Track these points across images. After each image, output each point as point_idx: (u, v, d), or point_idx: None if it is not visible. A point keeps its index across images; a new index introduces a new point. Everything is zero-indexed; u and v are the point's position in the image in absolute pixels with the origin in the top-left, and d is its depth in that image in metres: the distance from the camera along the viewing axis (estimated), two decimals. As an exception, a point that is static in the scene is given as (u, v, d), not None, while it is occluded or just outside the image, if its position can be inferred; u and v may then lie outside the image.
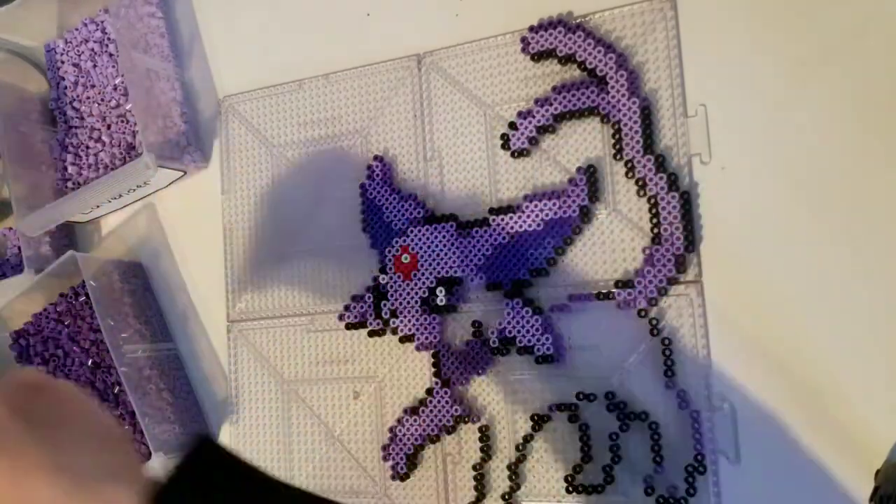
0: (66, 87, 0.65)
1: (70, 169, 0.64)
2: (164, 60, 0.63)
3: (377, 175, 0.56)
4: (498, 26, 0.53)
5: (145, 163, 0.56)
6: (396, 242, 0.54)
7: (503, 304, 0.51)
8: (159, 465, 0.53)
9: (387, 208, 0.55)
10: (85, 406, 0.31)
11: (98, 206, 0.62)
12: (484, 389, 0.52)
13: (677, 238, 0.47)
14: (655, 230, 0.48)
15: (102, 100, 0.63)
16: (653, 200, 0.48)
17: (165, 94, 0.62)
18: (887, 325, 0.43)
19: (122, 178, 0.57)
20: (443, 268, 0.53)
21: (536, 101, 0.51)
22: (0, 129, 0.63)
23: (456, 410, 0.52)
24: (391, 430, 0.54)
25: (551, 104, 0.51)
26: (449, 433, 0.52)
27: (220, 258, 0.62)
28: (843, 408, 0.44)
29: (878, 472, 0.42)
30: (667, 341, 0.47)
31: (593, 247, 0.50)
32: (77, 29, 0.65)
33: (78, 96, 0.64)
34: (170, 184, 0.63)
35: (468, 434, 0.52)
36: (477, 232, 0.52)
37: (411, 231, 0.54)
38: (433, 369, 0.53)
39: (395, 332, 0.54)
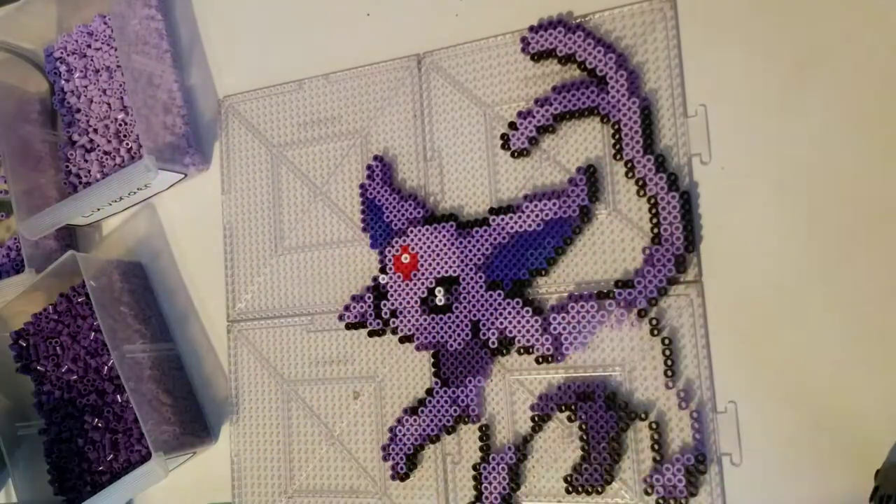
0: (66, 91, 0.65)
1: (71, 172, 0.65)
2: (163, 62, 0.63)
3: (377, 175, 0.56)
4: (498, 26, 0.54)
5: (146, 165, 0.56)
6: (396, 242, 0.54)
7: (503, 304, 0.51)
8: (159, 466, 0.53)
9: (387, 208, 0.55)
10: None
11: (98, 209, 0.62)
12: (484, 389, 0.52)
13: (677, 238, 0.47)
14: (655, 230, 0.48)
15: (103, 103, 0.63)
16: (653, 200, 0.48)
17: (165, 96, 0.62)
18: (887, 324, 0.43)
19: (123, 180, 0.57)
20: (443, 268, 0.53)
21: (536, 101, 0.51)
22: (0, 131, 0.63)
23: (455, 410, 0.52)
24: (391, 430, 0.54)
25: (551, 104, 0.51)
26: (449, 433, 0.52)
27: (220, 258, 0.62)
28: (843, 408, 0.44)
29: (878, 472, 0.42)
30: (667, 341, 0.47)
31: (593, 247, 0.50)
32: (77, 32, 0.65)
33: (78, 99, 0.65)
34: (170, 186, 0.63)
35: (468, 434, 0.52)
36: (477, 232, 0.52)
37: (411, 231, 0.54)
38: (433, 369, 0.53)
39: (394, 332, 0.54)
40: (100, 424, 0.59)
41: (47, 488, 0.61)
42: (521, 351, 0.50)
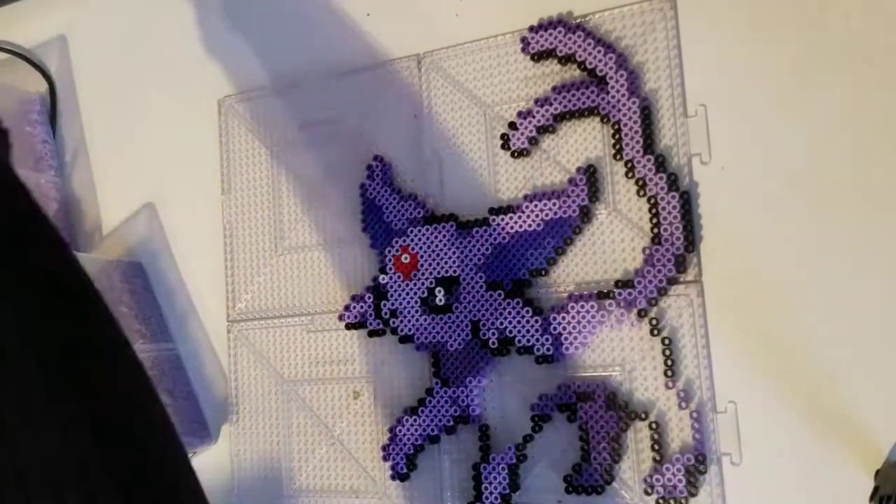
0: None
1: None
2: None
3: (377, 175, 0.56)
4: (498, 26, 0.54)
5: None
6: (396, 242, 0.54)
7: (503, 304, 0.51)
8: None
9: (387, 208, 0.55)
10: None
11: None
12: (484, 389, 0.52)
13: (677, 238, 0.47)
14: (655, 230, 0.48)
15: None
16: (653, 200, 0.48)
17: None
18: (887, 324, 0.43)
19: None
20: (443, 268, 0.53)
21: (536, 101, 0.51)
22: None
23: (455, 410, 0.52)
24: (391, 430, 0.54)
25: (551, 104, 0.51)
26: (449, 433, 0.52)
27: (220, 258, 0.62)
28: (843, 408, 0.44)
29: (878, 472, 0.42)
30: (667, 341, 0.47)
31: (593, 247, 0.50)
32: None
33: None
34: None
35: (468, 434, 0.52)
36: (477, 232, 0.52)
37: (411, 231, 0.54)
38: (433, 369, 0.53)
39: (394, 332, 0.54)
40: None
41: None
42: (521, 351, 0.50)
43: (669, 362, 0.47)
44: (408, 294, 0.53)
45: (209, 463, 0.61)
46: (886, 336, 0.43)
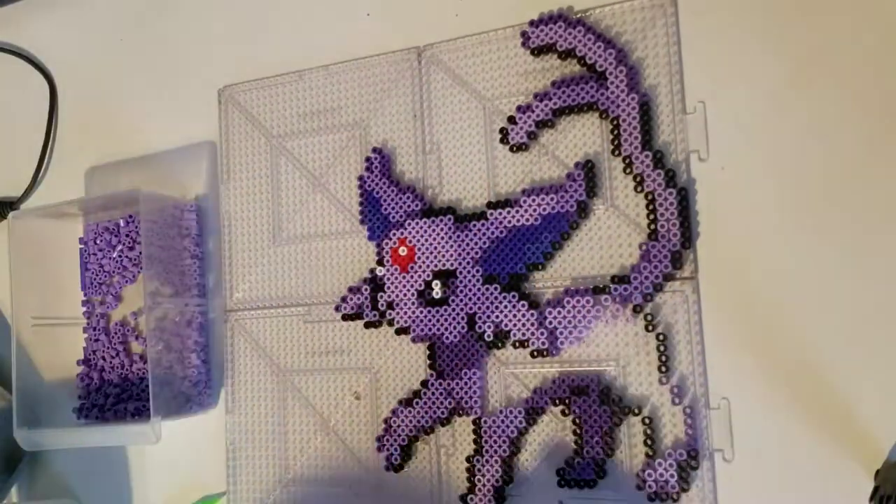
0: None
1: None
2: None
3: (375, 167, 0.56)
4: (498, 20, 0.54)
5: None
6: (394, 235, 0.54)
7: (499, 297, 0.51)
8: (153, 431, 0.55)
9: (385, 200, 0.55)
10: None
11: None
12: (478, 382, 0.52)
13: (674, 234, 0.47)
14: (652, 226, 0.48)
15: None
16: (650, 196, 0.48)
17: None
18: (886, 323, 0.43)
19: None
20: (440, 261, 0.53)
21: (536, 96, 0.51)
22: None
23: (450, 403, 0.52)
24: (386, 421, 0.54)
25: (550, 99, 0.51)
26: (443, 425, 0.53)
27: (218, 247, 0.62)
28: (841, 406, 0.44)
29: (878, 472, 0.42)
30: (662, 337, 0.47)
31: (590, 242, 0.50)
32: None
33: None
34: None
35: (462, 426, 0.52)
36: (475, 225, 0.52)
37: (409, 223, 0.54)
38: (428, 361, 0.53)
39: (391, 323, 0.54)
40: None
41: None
42: (517, 345, 0.51)
43: (664, 358, 0.47)
44: (404, 286, 0.54)
45: (204, 451, 0.61)
46: (885, 334, 0.43)
